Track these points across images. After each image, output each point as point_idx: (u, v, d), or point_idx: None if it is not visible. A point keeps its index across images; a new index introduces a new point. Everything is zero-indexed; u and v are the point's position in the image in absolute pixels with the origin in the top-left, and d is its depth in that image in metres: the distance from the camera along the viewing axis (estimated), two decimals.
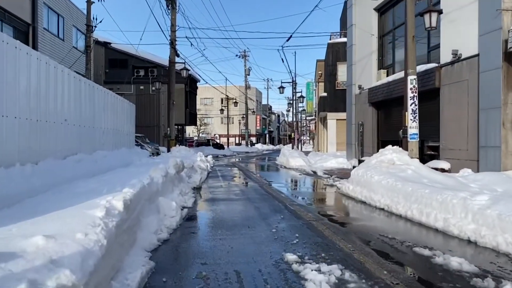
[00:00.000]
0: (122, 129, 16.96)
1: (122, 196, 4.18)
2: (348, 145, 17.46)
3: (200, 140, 44.07)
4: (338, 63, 21.63)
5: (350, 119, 17.14)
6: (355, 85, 16.75)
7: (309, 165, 18.21)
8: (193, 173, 11.88)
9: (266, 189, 9.58)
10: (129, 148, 18.09)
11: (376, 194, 7.59)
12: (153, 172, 7.64)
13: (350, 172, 14.40)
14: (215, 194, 8.81)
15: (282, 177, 13.80)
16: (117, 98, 16.01)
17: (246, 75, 46.39)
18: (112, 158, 13.42)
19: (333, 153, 20.79)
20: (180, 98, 30.93)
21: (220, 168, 17.36)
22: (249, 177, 13.04)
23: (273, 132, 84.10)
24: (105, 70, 31.30)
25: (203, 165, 13.54)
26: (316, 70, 28.25)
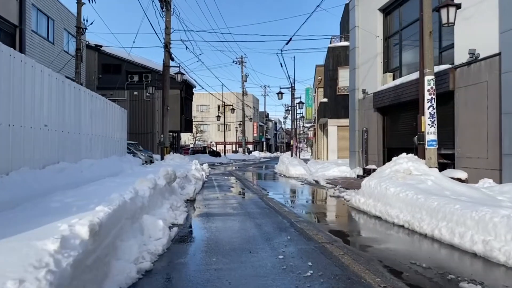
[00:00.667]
0: (113, 135, 16.03)
1: (89, 219, 3.25)
2: (351, 153, 16.58)
3: (196, 147, 43.13)
4: (339, 67, 20.85)
5: (353, 125, 16.28)
6: (359, 90, 15.93)
7: (310, 173, 17.32)
8: (186, 183, 10.95)
9: (267, 202, 8.65)
10: (120, 156, 17.15)
11: (393, 208, 6.68)
12: (139, 184, 6.71)
13: (355, 182, 13.53)
14: (211, 208, 7.88)
15: (282, 187, 12.88)
16: (107, 103, 15.09)
17: (243, 81, 45.62)
18: (100, 167, 12.50)
19: (334, 161, 19.91)
20: (175, 104, 30.06)
21: (217, 177, 16.42)
22: (248, 187, 12.11)
23: (270, 139, 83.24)
24: (98, 75, 30.40)
25: (198, 174, 12.61)
26: (315, 76, 27.48)
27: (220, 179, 15.10)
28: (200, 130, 61.70)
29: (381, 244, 4.96)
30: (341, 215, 7.44)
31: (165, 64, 18.82)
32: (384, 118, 14.39)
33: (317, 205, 8.84)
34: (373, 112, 14.69)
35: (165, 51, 18.73)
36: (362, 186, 8.14)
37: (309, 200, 9.79)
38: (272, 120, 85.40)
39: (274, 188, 12.17)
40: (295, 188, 12.37)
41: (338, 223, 6.71)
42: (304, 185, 13.00)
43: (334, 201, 9.04)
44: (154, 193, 6.78)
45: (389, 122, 14.11)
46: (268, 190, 11.22)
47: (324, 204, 8.95)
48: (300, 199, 9.87)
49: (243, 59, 45.17)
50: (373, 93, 14.53)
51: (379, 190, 7.35)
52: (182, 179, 10.74)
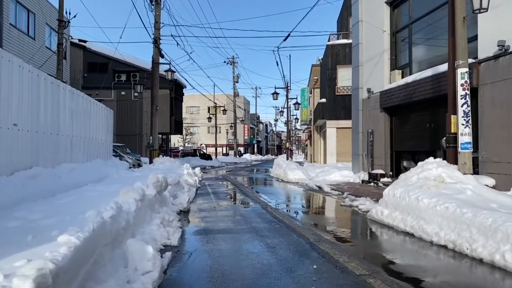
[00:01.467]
0: (97, 137, 14.74)
1: (38, 266, 2.07)
2: (354, 156, 15.53)
3: (186, 150, 41.82)
4: (338, 66, 19.86)
5: (357, 127, 15.24)
6: (363, 89, 14.90)
7: (309, 178, 16.24)
8: (179, 190, 9.75)
9: (273, 213, 7.51)
10: (106, 160, 15.86)
11: (429, 224, 5.59)
12: (123, 196, 5.53)
13: (362, 188, 12.45)
14: (208, 222, 6.70)
15: (284, 194, 11.75)
16: (90, 102, 13.81)
17: (235, 82, 44.48)
18: (81, 172, 11.23)
19: (333, 165, 18.86)
20: (164, 105, 28.77)
21: (210, 182, 15.22)
22: (246, 194, 10.95)
23: (261, 142, 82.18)
24: (83, 74, 28.97)
25: (190, 180, 11.41)
26: (311, 76, 26.47)
27: (214, 185, 13.91)
28: (190, 132, 60.35)
29: (436, 277, 3.85)
30: (365, 231, 6.34)
31: (155, 60, 17.59)
32: (392, 118, 13.37)
33: (331, 217, 7.72)
34: (380, 113, 13.67)
35: (155, 47, 17.50)
36: (385, 195, 7.04)
37: (319, 210, 8.67)
38: (263, 122, 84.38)
39: (276, 196, 11.04)
40: (298, 195, 11.25)
41: (366, 243, 5.59)
42: (307, 192, 11.88)
43: (348, 212, 7.94)
44: (141, 207, 5.60)
45: (398, 123, 13.10)
46: (269, 198, 10.09)
47: (339, 216, 7.84)
48: (308, 209, 8.74)
49: (234, 59, 44.04)
50: (379, 92, 13.51)
51: (408, 201, 6.26)
52: (174, 186, 9.54)
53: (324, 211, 8.41)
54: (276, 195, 11.18)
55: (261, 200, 9.62)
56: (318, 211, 8.43)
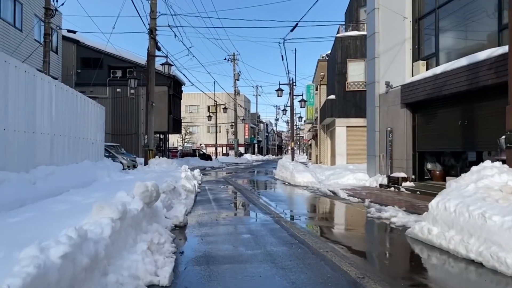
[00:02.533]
0: (86, 136, 13.32)
1: None
2: (370, 158, 14.11)
3: (185, 150, 40.38)
4: (349, 60, 18.43)
5: (373, 125, 13.82)
6: (379, 83, 13.48)
7: (319, 181, 14.82)
8: (175, 198, 8.32)
9: (290, 229, 6.07)
10: (96, 161, 14.43)
11: (508, 252, 4.16)
12: (95, 214, 4.11)
13: (383, 194, 10.99)
14: (211, 243, 5.27)
15: (295, 201, 10.32)
16: (77, 97, 12.39)
17: (236, 80, 43.06)
18: (63, 176, 9.80)
19: (343, 167, 17.44)
20: (162, 102, 27.35)
21: (211, 186, 13.77)
22: (252, 201, 9.50)
23: (262, 142, 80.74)
24: (77, 70, 27.52)
25: (189, 184, 9.97)
26: (317, 72, 25.04)
27: (215, 189, 12.47)
28: (189, 131, 58.90)
29: None
30: (416, 258, 4.90)
31: (150, 53, 16.16)
32: (415, 115, 11.95)
33: (363, 236, 6.25)
34: (400, 109, 12.25)
35: (150, 38, 16.07)
36: (432, 208, 5.61)
37: (344, 225, 7.21)
38: (264, 122, 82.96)
39: (286, 203, 9.62)
40: (313, 203, 9.81)
41: (426, 277, 4.14)
42: (321, 199, 10.45)
43: (381, 228, 6.51)
44: (121, 228, 4.17)
45: (422, 120, 11.67)
46: (280, 207, 8.66)
47: (372, 233, 6.40)
48: (330, 222, 7.28)
49: (235, 56, 42.62)
50: (400, 86, 12.09)
51: (469, 217, 4.83)
52: (169, 193, 8.11)
53: (351, 226, 6.96)
54: (287, 203, 9.76)
55: (271, 209, 8.18)
56: (344, 226, 6.98)
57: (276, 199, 10.37)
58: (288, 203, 9.79)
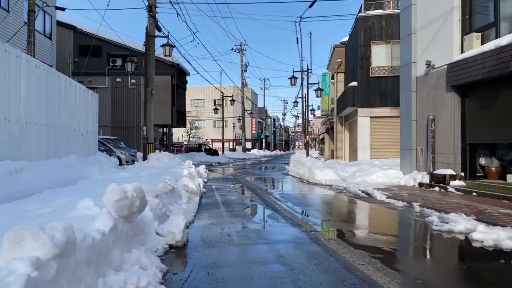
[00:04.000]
0: (73, 126, 11.45)
1: None
2: (404, 152, 12.08)
3: (190, 145, 38.51)
4: (373, 42, 16.37)
5: (408, 112, 11.79)
6: (416, 64, 11.45)
7: (342, 178, 12.85)
8: (173, 203, 6.39)
9: (339, 254, 4.10)
10: (86, 156, 12.58)
11: None
12: (8, 251, 2.12)
13: (431, 196, 8.98)
14: (224, 282, 3.30)
15: (326, 205, 8.33)
16: (61, 80, 10.51)
17: (243, 71, 41.06)
18: (37, 173, 7.95)
19: (367, 162, 15.41)
20: (165, 93, 25.46)
21: (218, 184, 11.83)
22: (272, 206, 7.52)
23: (269, 137, 78.72)
24: (74, 58, 25.65)
25: (192, 184, 8.01)
26: (332, 58, 22.95)
27: (224, 189, 10.52)
28: (195, 126, 57.04)
29: None
30: None
31: (149, 33, 14.20)
32: (465, 100, 9.89)
33: (453, 268, 4.20)
34: (446, 93, 10.20)
35: (149, 16, 14.11)
36: None
37: (413, 247, 5.16)
38: (271, 116, 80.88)
39: (315, 209, 7.66)
40: (348, 208, 7.81)
41: None
42: (355, 202, 8.46)
43: (469, 250, 4.52)
44: (60, 274, 2.20)
45: (475, 105, 9.61)
46: (309, 214, 6.71)
47: (462, 262, 4.40)
48: (391, 242, 5.19)
49: (243, 46, 40.61)
50: (446, 65, 10.03)
51: None
52: (165, 196, 6.19)
53: (422, 248, 4.92)
54: (315, 208, 7.79)
55: (299, 218, 6.21)
56: (412, 248, 4.94)
57: (300, 202, 8.41)
58: (317, 208, 7.82)
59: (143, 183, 7.21)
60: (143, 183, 7.21)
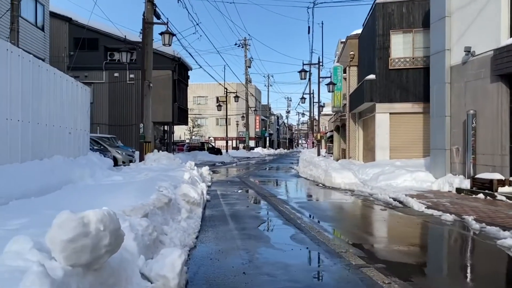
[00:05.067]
0: (59, 123, 10.05)
1: None
2: (436, 152, 10.62)
3: (192, 143, 37.10)
4: (392, 31, 14.87)
5: (441, 107, 10.33)
6: (451, 51, 9.96)
7: (363, 182, 11.44)
8: (170, 221, 5.00)
9: None
10: (75, 157, 11.20)
11: None
12: None
13: (479, 205, 7.55)
14: None
15: (359, 221, 6.87)
16: (45, 69, 9.11)
17: (247, 67, 39.59)
18: (7, 178, 6.61)
19: (387, 163, 13.95)
20: (166, 89, 24.04)
21: (224, 190, 10.38)
22: (295, 223, 6.05)
23: (273, 135, 77.21)
24: (69, 52, 24.21)
25: (194, 192, 6.57)
26: (344, 51, 21.46)
27: (231, 196, 9.08)
28: (198, 124, 55.60)
29: None
30: None
31: (146, 19, 12.75)
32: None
33: None
34: (490, 84, 8.72)
35: (147, 1, 12.65)
36: None
37: None
38: (275, 114, 79.35)
39: (347, 225, 6.22)
40: (389, 224, 6.35)
41: None
42: (390, 213, 7.02)
43: None
44: None
45: None
46: (342, 234, 5.29)
47: None
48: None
49: (247, 41, 39.13)
50: (493, 51, 8.55)
51: None
52: (160, 211, 4.81)
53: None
54: (346, 224, 6.35)
55: (332, 241, 4.76)
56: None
57: (324, 214, 6.97)
58: (348, 223, 6.36)
59: (132, 193, 5.81)
60: (132, 193, 5.81)
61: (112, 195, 5.73)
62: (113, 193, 5.94)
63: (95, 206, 4.51)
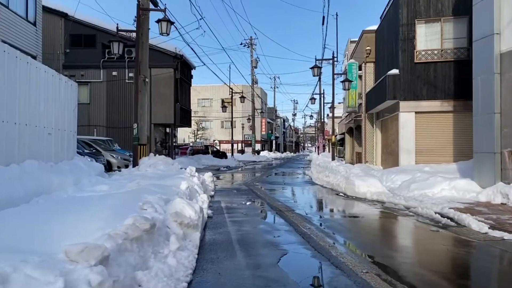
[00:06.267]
0: (35, 122, 8.51)
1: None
2: (482, 156, 8.93)
3: (196, 146, 35.51)
4: (418, 20, 13.24)
5: (488, 103, 8.66)
6: (500, 35, 8.30)
7: (390, 190, 9.82)
8: (150, 257, 3.35)
9: None
10: (57, 161, 9.67)
11: None
12: None
13: None
14: None
15: (411, 248, 5.24)
16: (14, 57, 7.58)
17: (253, 67, 38.05)
18: None
19: (414, 168, 12.28)
20: (167, 88, 22.53)
21: (230, 202, 8.75)
22: (325, 253, 4.42)
23: (279, 138, 75.55)
24: (65, 49, 22.79)
25: (189, 210, 4.94)
26: (359, 45, 19.82)
27: (238, 211, 7.45)
28: (202, 127, 54.10)
29: None
30: None
31: (141, 5, 11.21)
32: None
33: None
34: None
35: None
36: None
37: None
38: (281, 117, 77.71)
39: (406, 258, 4.57)
40: (456, 258, 4.70)
41: None
42: (445, 236, 5.40)
43: None
44: None
45: None
46: (406, 276, 3.63)
47: None
48: None
49: (253, 40, 37.61)
50: None
51: None
52: (136, 244, 3.17)
53: None
54: (402, 257, 4.68)
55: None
56: None
57: (366, 241, 5.32)
58: (405, 257, 4.70)
59: (105, 212, 4.22)
60: (105, 212, 4.22)
61: (77, 216, 4.15)
62: (81, 212, 4.35)
63: (37, 237, 3.04)
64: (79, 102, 22.59)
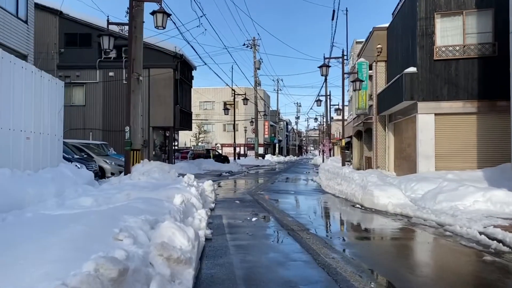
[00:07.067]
0: (8, 125, 7.43)
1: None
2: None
3: (197, 150, 34.41)
4: (437, 14, 12.12)
5: None
6: None
7: (413, 201, 8.71)
8: None
9: None
10: (37, 169, 8.59)
11: None
12: None
13: None
14: None
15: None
16: None
17: (256, 69, 36.99)
18: None
19: (435, 175, 11.12)
20: (166, 89, 21.45)
21: (231, 215, 7.61)
22: None
23: (282, 141, 74.38)
24: (59, 49, 21.74)
25: (181, 239, 3.82)
26: (369, 43, 18.71)
27: (242, 229, 6.30)
28: (204, 130, 52.98)
29: None
30: None
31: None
32: None
33: None
34: None
35: None
36: None
37: None
38: (284, 120, 76.57)
39: None
40: None
41: None
42: (505, 268, 4.20)
43: None
44: None
45: None
46: None
47: None
48: None
49: (256, 41, 36.57)
50: None
51: None
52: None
53: None
54: None
55: None
56: None
57: (422, 282, 4.17)
58: None
59: (67, 244, 3.12)
60: (67, 244, 3.12)
61: (23, 252, 3.06)
62: (32, 244, 3.27)
63: None
64: (74, 104, 21.78)
